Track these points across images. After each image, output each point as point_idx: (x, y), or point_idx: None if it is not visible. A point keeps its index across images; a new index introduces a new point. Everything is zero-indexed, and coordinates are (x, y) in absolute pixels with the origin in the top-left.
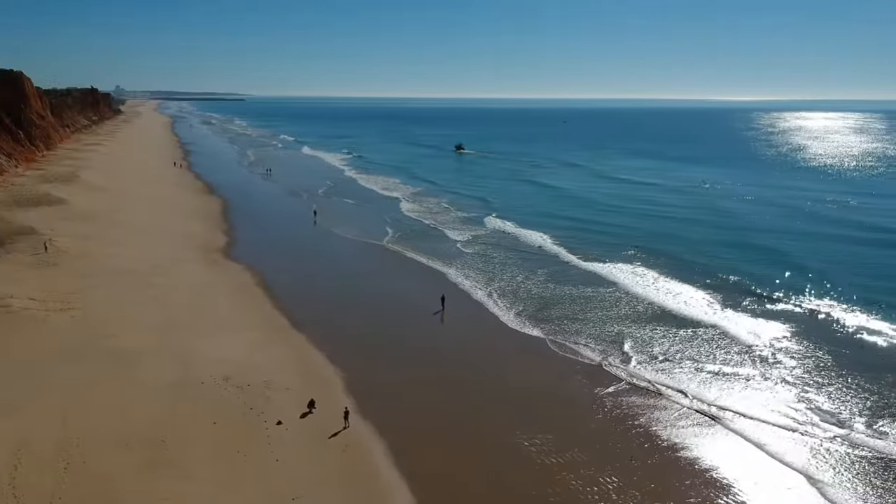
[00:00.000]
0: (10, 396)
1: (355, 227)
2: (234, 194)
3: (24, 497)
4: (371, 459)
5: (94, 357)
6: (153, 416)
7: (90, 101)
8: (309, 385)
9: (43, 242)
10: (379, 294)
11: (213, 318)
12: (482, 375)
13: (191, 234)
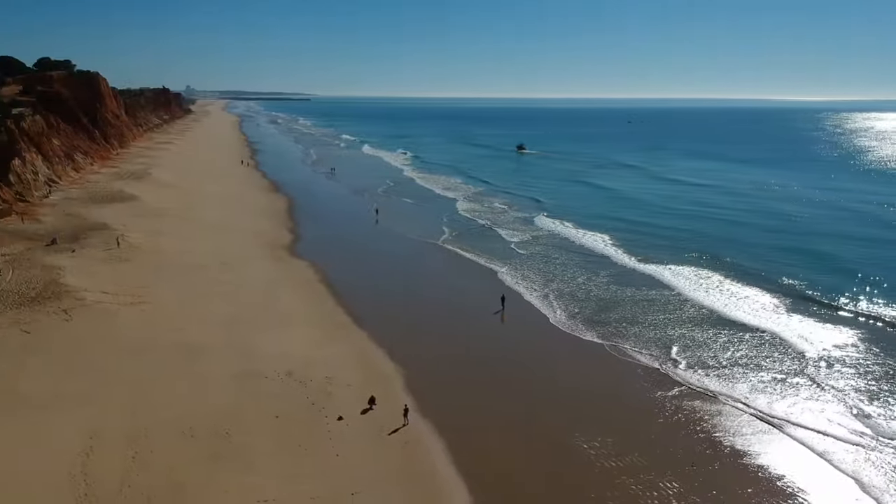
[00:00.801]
0: (84, 386)
1: (414, 225)
2: (298, 192)
3: (94, 484)
4: (429, 457)
5: (163, 350)
6: (218, 409)
7: (162, 101)
8: (370, 382)
9: (115, 238)
10: (438, 293)
11: (278, 313)
12: (540, 376)
13: (257, 232)
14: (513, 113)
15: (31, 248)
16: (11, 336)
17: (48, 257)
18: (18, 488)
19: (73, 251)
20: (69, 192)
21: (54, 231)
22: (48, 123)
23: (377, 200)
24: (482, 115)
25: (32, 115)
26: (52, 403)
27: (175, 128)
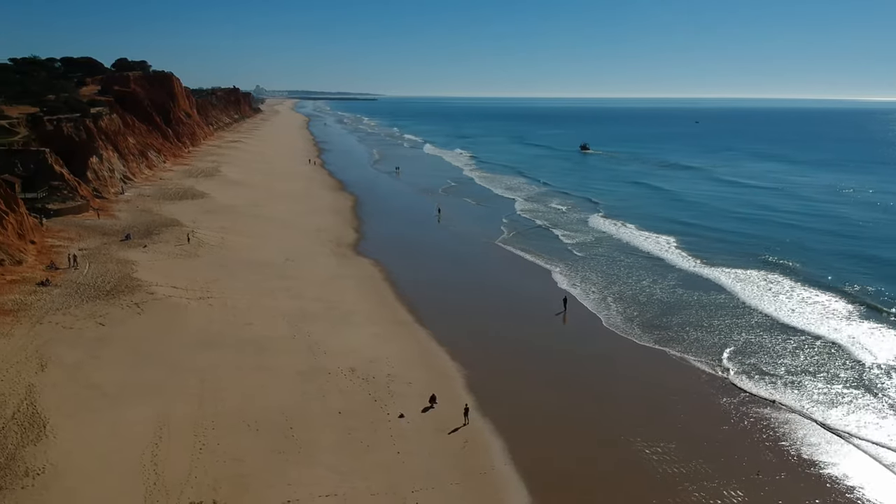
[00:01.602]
0: (154, 377)
1: (474, 225)
2: (363, 191)
3: (163, 473)
4: (489, 457)
5: (230, 344)
6: (282, 403)
7: (232, 100)
8: (431, 380)
9: (186, 234)
10: (498, 292)
11: (342, 310)
12: (603, 379)
13: (323, 229)
14: (575, 113)
15: (107, 243)
16: (87, 328)
17: (122, 252)
18: (93, 475)
19: (145, 246)
20: (143, 189)
21: (128, 227)
22: (124, 122)
23: (439, 199)
24: (543, 114)
25: (109, 113)
26: (123, 394)
27: (244, 127)
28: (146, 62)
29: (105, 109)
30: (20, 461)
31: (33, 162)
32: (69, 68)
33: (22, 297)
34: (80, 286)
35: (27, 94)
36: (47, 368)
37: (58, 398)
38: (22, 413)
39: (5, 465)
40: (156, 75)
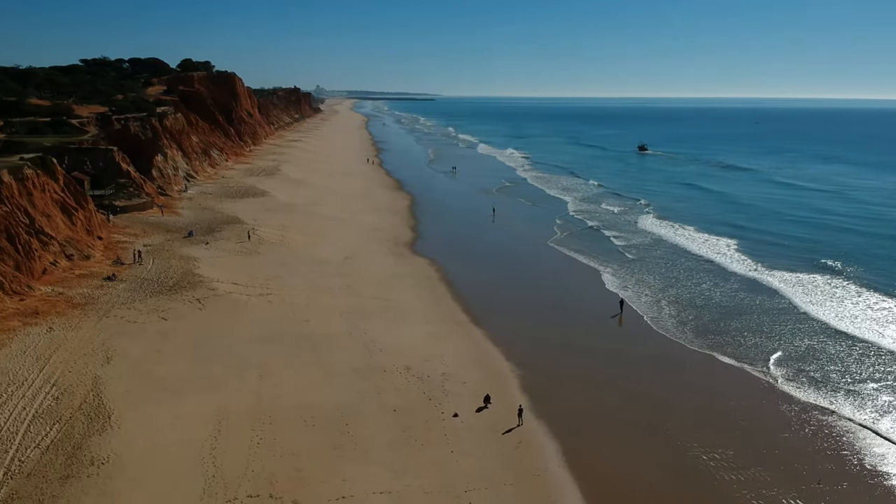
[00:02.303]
0: (214, 372)
1: (528, 225)
2: (420, 190)
3: (222, 466)
4: (543, 458)
5: (288, 340)
6: (338, 399)
7: (293, 100)
8: (485, 380)
9: (247, 232)
10: (553, 293)
11: (398, 309)
12: (658, 383)
13: (380, 228)
14: (631, 112)
15: (170, 240)
16: (151, 322)
17: (185, 249)
18: (155, 466)
19: (207, 243)
20: (205, 187)
21: (191, 224)
22: (188, 121)
23: (493, 200)
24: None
25: (174, 113)
26: (184, 387)
27: (305, 126)
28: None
29: (170, 109)
30: (86, 450)
31: (102, 160)
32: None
33: (90, 290)
34: (144, 281)
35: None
36: (112, 361)
37: (122, 390)
38: (88, 404)
39: (72, 454)
40: (219, 75)
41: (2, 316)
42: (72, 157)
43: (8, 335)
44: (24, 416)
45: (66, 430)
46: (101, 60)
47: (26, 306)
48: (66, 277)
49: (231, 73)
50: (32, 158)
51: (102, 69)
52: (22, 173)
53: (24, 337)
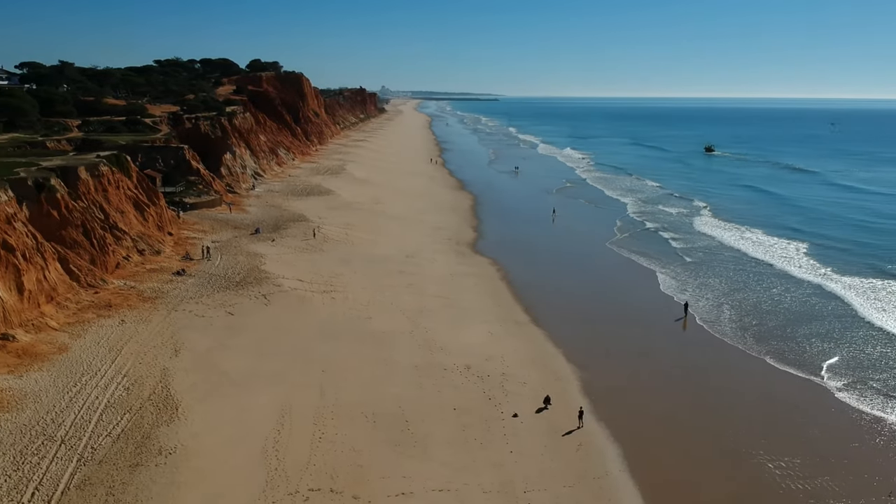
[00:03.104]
0: (278, 367)
1: (589, 226)
2: (481, 190)
3: (284, 460)
4: (603, 462)
5: (350, 336)
6: (399, 397)
7: (358, 100)
8: (545, 381)
9: (312, 229)
10: (613, 295)
11: (459, 307)
12: (722, 388)
13: (443, 227)
14: (696, 113)
15: (238, 237)
16: (217, 317)
17: (252, 245)
18: (220, 457)
19: (273, 240)
20: (272, 185)
21: (258, 221)
22: (256, 120)
23: (553, 200)
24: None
25: (243, 112)
26: (249, 381)
27: (370, 126)
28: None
29: (239, 108)
30: (154, 440)
31: (173, 158)
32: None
33: (160, 285)
34: (212, 276)
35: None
36: (180, 354)
37: (189, 382)
38: (157, 395)
39: (141, 443)
40: (287, 75)
41: (78, 308)
42: (145, 154)
43: (83, 326)
44: (97, 406)
45: (136, 420)
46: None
47: (100, 299)
48: (138, 272)
49: (298, 74)
50: (108, 156)
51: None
52: (98, 170)
53: (98, 328)
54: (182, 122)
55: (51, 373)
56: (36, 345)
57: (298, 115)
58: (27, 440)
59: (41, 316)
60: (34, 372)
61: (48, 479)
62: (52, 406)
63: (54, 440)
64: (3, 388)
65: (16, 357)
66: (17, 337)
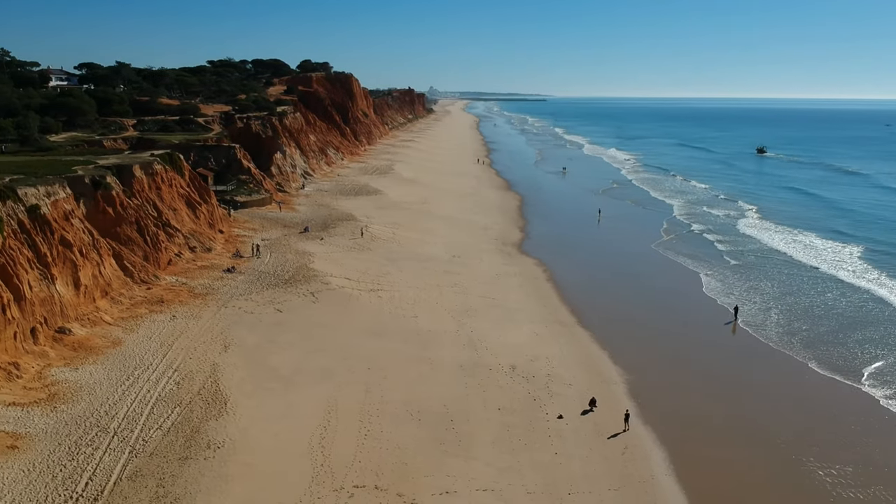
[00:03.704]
0: (325, 363)
1: (635, 228)
2: (528, 190)
3: (330, 456)
4: (649, 466)
5: (396, 334)
6: (444, 396)
7: (407, 101)
8: (591, 383)
9: (360, 228)
10: (659, 297)
11: (505, 308)
12: (771, 394)
13: (489, 227)
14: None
15: (287, 235)
16: (266, 314)
17: (301, 244)
18: (267, 452)
19: (322, 239)
20: (321, 185)
21: (307, 220)
22: (306, 120)
23: (599, 201)
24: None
25: (294, 112)
26: (297, 377)
27: (417, 126)
28: (328, 63)
29: (290, 108)
30: (203, 434)
31: (225, 157)
32: (259, 69)
33: (210, 282)
34: (261, 274)
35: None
36: (230, 349)
37: (238, 377)
38: (207, 389)
39: (191, 437)
40: (337, 76)
41: (131, 303)
42: (197, 153)
43: (136, 321)
44: (149, 399)
45: (186, 414)
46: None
47: (153, 294)
48: (189, 268)
49: (348, 74)
50: (161, 155)
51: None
52: (152, 168)
53: (150, 323)
54: (234, 121)
55: (105, 366)
56: (91, 338)
57: (348, 116)
58: (82, 431)
59: (96, 310)
60: (89, 365)
61: (101, 470)
62: (105, 398)
63: (107, 432)
64: (59, 381)
65: (72, 350)
66: (73, 330)
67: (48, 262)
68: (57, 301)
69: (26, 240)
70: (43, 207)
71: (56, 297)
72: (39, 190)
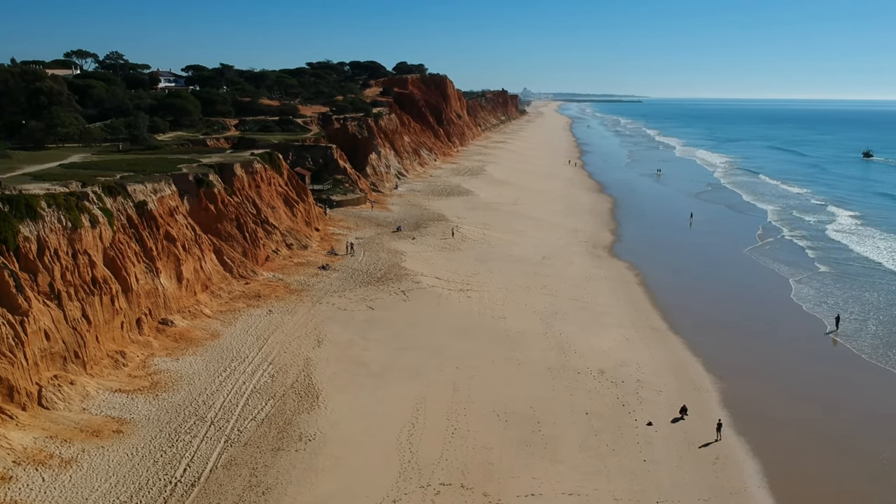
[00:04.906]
0: (415, 361)
1: (727, 232)
2: (621, 193)
3: (417, 452)
4: (741, 477)
5: (485, 334)
6: (531, 397)
7: (500, 102)
8: (682, 390)
9: (451, 229)
10: (755, 305)
11: (594, 311)
12: (872, 408)
13: (580, 229)
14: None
15: (380, 234)
16: (359, 311)
17: (393, 243)
18: (356, 447)
19: (413, 238)
20: (414, 185)
21: (399, 219)
22: (401, 121)
23: (691, 204)
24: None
25: (389, 113)
26: (386, 374)
27: (510, 128)
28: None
29: (385, 109)
30: (295, 426)
31: (322, 157)
32: (356, 71)
33: (306, 278)
34: (354, 272)
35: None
36: (323, 344)
37: (330, 372)
38: (300, 383)
39: (283, 429)
40: (431, 78)
41: (230, 297)
42: (295, 153)
43: (234, 315)
44: (245, 391)
45: (279, 406)
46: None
47: (250, 289)
48: (286, 265)
49: (443, 76)
50: (261, 154)
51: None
52: (252, 167)
53: (248, 317)
54: (331, 122)
55: (203, 357)
56: (191, 330)
57: (441, 117)
58: (181, 419)
59: (197, 304)
60: (189, 356)
61: (198, 457)
62: (203, 388)
63: (205, 421)
64: (161, 370)
65: (173, 341)
66: (175, 322)
67: (153, 256)
68: (161, 293)
69: (134, 234)
70: (150, 203)
71: (160, 290)
72: (147, 187)
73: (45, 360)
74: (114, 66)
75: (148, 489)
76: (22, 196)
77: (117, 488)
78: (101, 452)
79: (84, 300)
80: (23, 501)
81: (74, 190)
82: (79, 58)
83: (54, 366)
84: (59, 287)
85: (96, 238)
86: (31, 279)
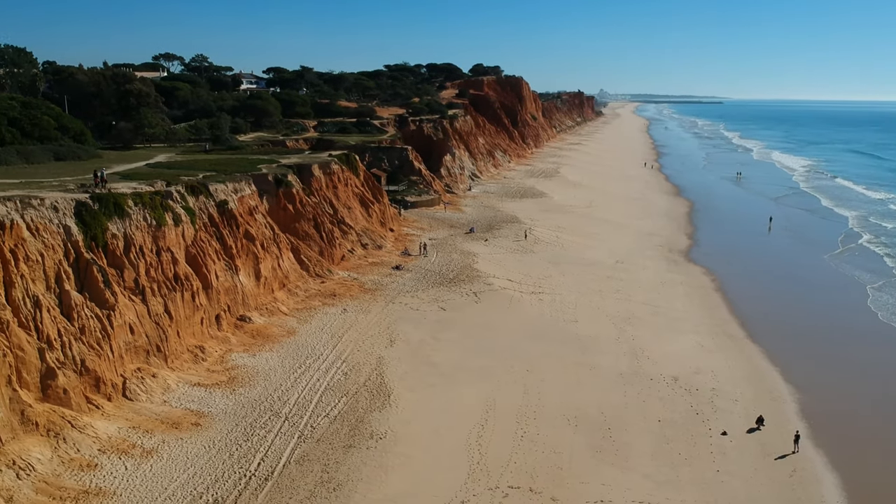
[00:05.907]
0: (486, 362)
1: (807, 238)
2: (699, 196)
3: (486, 454)
4: (820, 491)
5: (556, 338)
6: (602, 403)
7: (576, 103)
8: (759, 400)
9: (524, 231)
10: (837, 314)
11: (669, 317)
12: None
13: (655, 233)
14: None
15: (453, 235)
16: (431, 311)
17: (466, 244)
18: (426, 446)
19: (486, 240)
20: (488, 186)
21: (473, 221)
22: (476, 123)
23: (770, 208)
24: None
25: (464, 115)
26: (457, 374)
27: (586, 129)
28: (499, 67)
29: (460, 111)
30: (367, 424)
31: (397, 158)
32: (432, 73)
33: (379, 278)
34: (427, 272)
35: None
36: (395, 344)
37: (402, 372)
38: (372, 381)
39: (355, 426)
40: (507, 79)
41: (306, 295)
42: (372, 154)
43: (310, 313)
44: (318, 388)
45: (352, 404)
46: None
47: (326, 288)
48: (361, 264)
49: (518, 78)
50: (339, 155)
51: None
52: (329, 168)
53: (323, 315)
54: (407, 124)
55: (279, 354)
56: (268, 327)
57: (516, 119)
58: (256, 414)
59: (274, 301)
60: (265, 352)
61: (273, 452)
62: (279, 384)
63: (279, 416)
64: (239, 365)
65: (251, 337)
66: (252, 319)
67: (233, 254)
68: (239, 291)
69: (215, 233)
70: (230, 203)
71: (239, 287)
72: (228, 186)
73: (130, 353)
74: (198, 69)
75: (223, 481)
76: (111, 195)
77: (194, 479)
78: (180, 444)
79: (166, 296)
80: (107, 488)
81: (159, 189)
82: (166, 60)
83: (138, 359)
84: (143, 283)
85: (179, 236)
86: (117, 275)
